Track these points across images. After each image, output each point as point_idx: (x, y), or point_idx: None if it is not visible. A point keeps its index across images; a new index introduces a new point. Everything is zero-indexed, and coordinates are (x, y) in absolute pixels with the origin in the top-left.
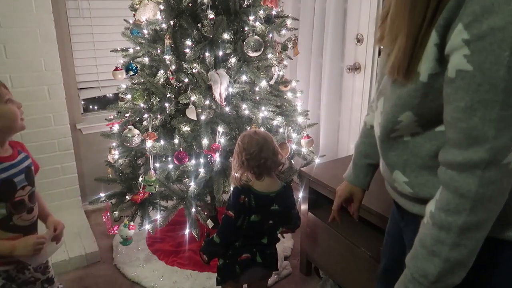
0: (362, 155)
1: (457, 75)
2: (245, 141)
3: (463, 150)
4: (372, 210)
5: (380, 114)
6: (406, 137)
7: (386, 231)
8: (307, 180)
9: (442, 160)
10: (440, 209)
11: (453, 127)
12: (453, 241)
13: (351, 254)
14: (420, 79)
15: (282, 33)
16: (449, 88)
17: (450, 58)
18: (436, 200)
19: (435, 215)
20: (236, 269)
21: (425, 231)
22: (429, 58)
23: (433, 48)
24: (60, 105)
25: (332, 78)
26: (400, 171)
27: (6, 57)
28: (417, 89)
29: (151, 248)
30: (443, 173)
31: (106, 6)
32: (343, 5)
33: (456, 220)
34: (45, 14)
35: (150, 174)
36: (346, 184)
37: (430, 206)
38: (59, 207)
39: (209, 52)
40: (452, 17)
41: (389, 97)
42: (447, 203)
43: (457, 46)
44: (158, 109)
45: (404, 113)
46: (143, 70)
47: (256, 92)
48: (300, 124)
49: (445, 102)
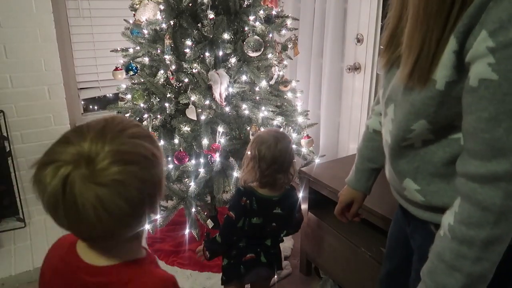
0: (365, 159)
1: (480, 84)
2: (262, 152)
3: (486, 162)
4: (373, 211)
5: (390, 122)
6: (417, 144)
7: (389, 234)
8: (307, 180)
9: (462, 171)
10: (461, 223)
11: (475, 138)
12: (476, 255)
13: (351, 254)
14: (437, 87)
15: (282, 33)
16: (470, 97)
17: (472, 66)
18: (455, 212)
19: (455, 229)
20: (241, 269)
21: (443, 244)
22: (447, 65)
23: (452, 55)
24: (60, 105)
25: (332, 78)
26: (411, 179)
27: (6, 57)
28: (432, 97)
29: (151, 248)
30: (463, 185)
31: (106, 6)
32: (343, 5)
33: (479, 234)
34: (45, 14)
35: None
36: (347, 189)
37: (448, 218)
38: None
39: (209, 52)
40: (472, 23)
41: (400, 104)
42: (468, 216)
43: (481, 54)
44: (158, 109)
45: (418, 122)
46: (143, 70)
47: (256, 92)
48: (300, 124)
49: (465, 111)
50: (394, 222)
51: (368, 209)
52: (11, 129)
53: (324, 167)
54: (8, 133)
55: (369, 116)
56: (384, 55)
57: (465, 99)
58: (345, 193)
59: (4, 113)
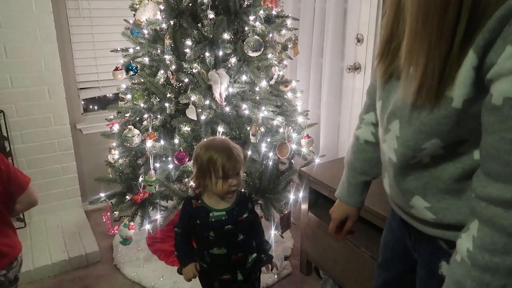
0: (357, 173)
1: (505, 103)
2: None
3: (510, 185)
4: (373, 211)
5: (395, 139)
6: (425, 160)
7: (383, 243)
8: (307, 180)
9: (482, 195)
10: (482, 249)
11: (498, 160)
12: (500, 283)
13: (351, 254)
14: (454, 106)
15: (282, 33)
16: (492, 116)
17: (495, 83)
18: (473, 237)
19: (476, 256)
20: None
21: (461, 272)
22: (466, 82)
23: (471, 72)
24: (60, 105)
25: (332, 78)
26: (420, 196)
27: (6, 57)
28: (448, 115)
29: (151, 248)
30: (483, 209)
31: (106, 6)
32: (343, 5)
33: (505, 261)
34: (45, 14)
35: (150, 174)
36: (340, 205)
37: (466, 244)
38: (59, 207)
39: (209, 52)
40: (492, 37)
41: (408, 122)
42: (491, 243)
43: (506, 71)
44: (158, 109)
45: (430, 141)
46: (143, 70)
47: (256, 92)
48: (300, 124)
49: (485, 131)
50: (390, 231)
51: (368, 209)
52: (11, 129)
53: (324, 167)
54: (8, 133)
55: (358, 126)
56: (381, 65)
57: (486, 118)
58: (338, 210)
59: (4, 113)
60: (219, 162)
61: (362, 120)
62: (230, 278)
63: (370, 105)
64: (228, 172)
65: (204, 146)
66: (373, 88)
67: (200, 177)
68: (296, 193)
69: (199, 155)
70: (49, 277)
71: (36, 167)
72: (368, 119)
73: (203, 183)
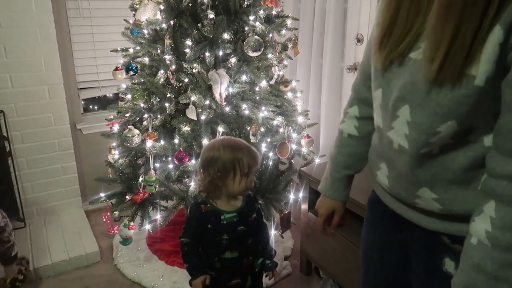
0: (341, 167)
1: None
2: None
3: None
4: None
5: (405, 124)
6: (435, 151)
7: (366, 244)
8: (307, 180)
9: (503, 173)
10: (503, 228)
11: None
12: None
13: (351, 254)
14: (476, 84)
15: (282, 33)
16: None
17: None
18: (490, 217)
19: (496, 236)
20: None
21: (480, 254)
22: (491, 59)
23: (497, 48)
24: (60, 105)
25: (332, 78)
26: (427, 187)
27: (6, 57)
28: (469, 94)
29: (151, 248)
30: (503, 188)
31: (106, 6)
32: (343, 5)
33: None
34: (45, 14)
35: (150, 174)
36: (325, 199)
37: (482, 225)
38: (59, 207)
39: (209, 52)
40: None
41: (421, 105)
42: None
43: None
44: (158, 109)
45: (446, 123)
46: (143, 70)
47: (256, 92)
48: (300, 124)
49: (507, 109)
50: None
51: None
52: (11, 129)
53: (324, 167)
54: (8, 133)
55: (342, 120)
56: (380, 52)
57: (509, 95)
58: (323, 204)
59: (4, 113)
60: (245, 160)
61: (346, 114)
62: (240, 282)
63: (354, 99)
64: (252, 169)
65: (222, 147)
66: (360, 81)
67: (219, 178)
68: (296, 193)
69: (219, 157)
70: (49, 277)
71: (36, 167)
72: (352, 112)
73: (222, 183)
